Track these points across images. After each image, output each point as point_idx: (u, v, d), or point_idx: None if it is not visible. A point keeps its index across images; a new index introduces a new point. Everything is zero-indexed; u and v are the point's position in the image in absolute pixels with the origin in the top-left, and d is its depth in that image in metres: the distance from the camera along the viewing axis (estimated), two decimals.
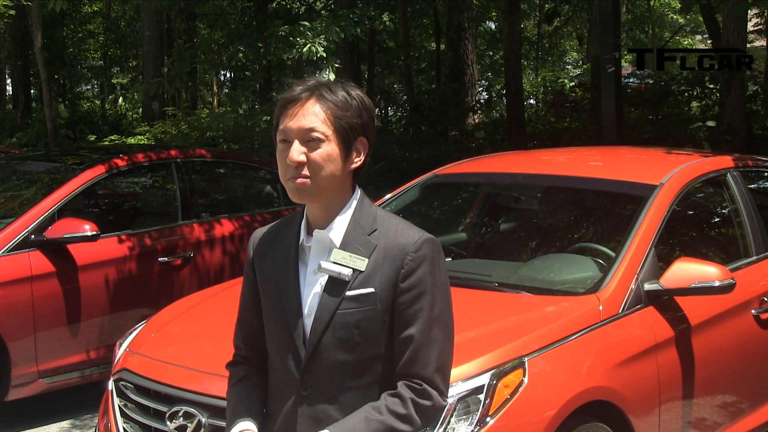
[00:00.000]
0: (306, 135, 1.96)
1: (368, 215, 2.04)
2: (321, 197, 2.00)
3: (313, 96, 1.98)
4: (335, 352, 1.98)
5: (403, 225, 2.04)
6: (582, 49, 24.16)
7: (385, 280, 1.98)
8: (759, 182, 4.91)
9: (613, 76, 8.51)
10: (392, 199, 4.59)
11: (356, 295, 1.97)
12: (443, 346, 2.01)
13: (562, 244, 4.25)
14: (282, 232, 2.13)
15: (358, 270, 1.98)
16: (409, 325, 1.97)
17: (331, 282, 1.99)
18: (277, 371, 2.07)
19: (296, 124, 1.97)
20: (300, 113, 1.97)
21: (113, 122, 19.75)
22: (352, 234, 2.01)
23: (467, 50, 15.70)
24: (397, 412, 1.95)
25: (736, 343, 3.83)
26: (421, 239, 2.00)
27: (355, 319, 1.97)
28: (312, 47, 7.24)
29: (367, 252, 1.99)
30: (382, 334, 1.99)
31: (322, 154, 1.96)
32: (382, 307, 1.97)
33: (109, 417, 3.36)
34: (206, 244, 5.89)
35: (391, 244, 2.00)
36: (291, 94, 2.00)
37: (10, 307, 4.90)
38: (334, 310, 1.98)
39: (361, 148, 2.03)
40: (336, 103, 1.98)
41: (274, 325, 2.07)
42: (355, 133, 2.00)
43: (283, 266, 2.07)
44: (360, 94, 2.03)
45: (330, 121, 1.97)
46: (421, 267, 1.98)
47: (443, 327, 2.01)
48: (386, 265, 1.98)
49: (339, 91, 2.00)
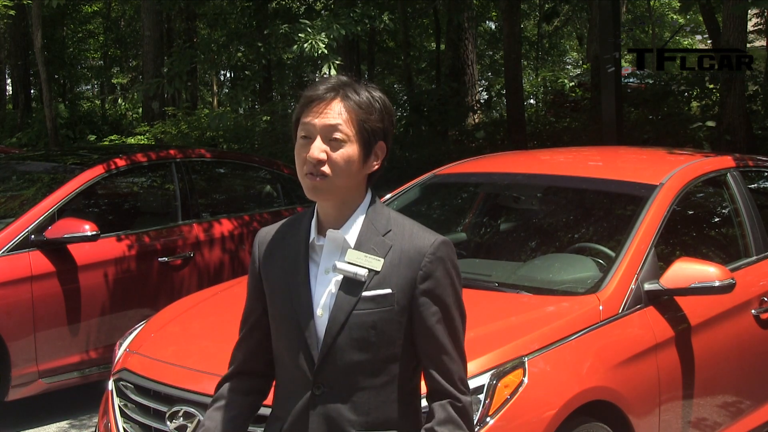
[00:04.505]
0: (329, 133, 1.96)
1: (382, 216, 2.04)
2: (336, 197, 2.00)
3: (338, 95, 1.98)
4: (350, 353, 1.97)
5: (417, 227, 2.04)
6: (582, 49, 24.18)
7: (402, 281, 1.97)
8: (759, 182, 4.91)
9: (613, 76, 8.52)
10: (392, 199, 4.58)
11: (373, 295, 1.97)
12: (462, 345, 2.04)
13: (562, 244, 4.25)
14: (291, 231, 2.11)
15: (374, 270, 1.98)
16: (432, 328, 1.98)
17: (347, 282, 1.98)
18: (288, 371, 2.06)
19: (321, 122, 1.96)
20: (325, 111, 1.96)
21: (113, 122, 19.76)
22: (366, 234, 2.01)
23: (467, 50, 15.70)
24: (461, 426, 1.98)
25: (736, 343, 3.83)
26: (437, 241, 2.00)
27: (372, 320, 1.97)
28: (313, 43, 7.21)
29: (382, 252, 1.99)
30: (398, 334, 1.99)
31: (343, 155, 1.96)
32: (399, 308, 1.97)
33: (109, 417, 3.37)
34: (206, 244, 5.88)
35: (407, 245, 2.00)
36: (315, 92, 1.99)
37: (10, 307, 4.90)
38: (350, 310, 1.97)
39: (380, 152, 2.03)
40: (360, 105, 1.98)
41: (284, 324, 2.05)
42: (377, 137, 2.00)
43: (294, 265, 2.05)
44: (382, 96, 2.03)
45: (353, 122, 1.97)
46: (439, 269, 1.99)
47: (462, 326, 2.04)
48: (403, 267, 1.98)
49: (363, 92, 1.99)
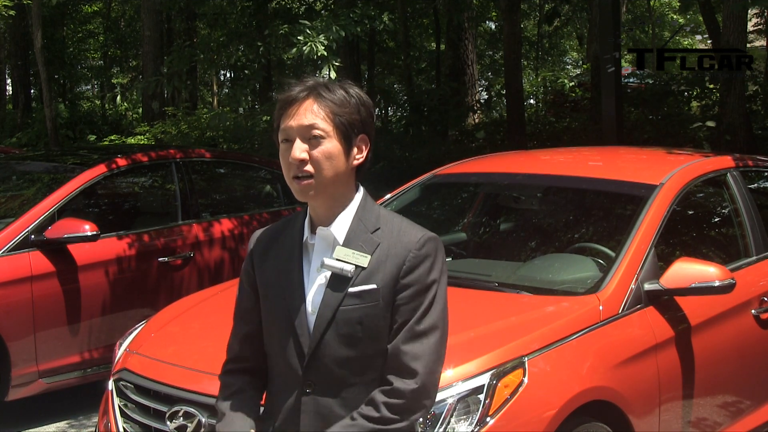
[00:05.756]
0: (307, 133, 1.99)
1: (371, 213, 2.06)
2: (325, 195, 2.02)
3: (311, 95, 2.01)
4: (338, 349, 1.99)
5: (406, 224, 2.06)
6: (582, 49, 24.16)
7: (387, 276, 1.99)
8: (759, 182, 4.90)
9: (613, 76, 8.51)
10: (392, 199, 4.58)
11: (358, 291, 1.99)
12: (437, 341, 2.00)
13: (562, 244, 4.25)
14: (285, 231, 2.14)
15: (361, 267, 2.00)
16: (405, 321, 1.98)
17: (334, 279, 2.01)
18: (279, 368, 2.08)
19: (296, 123, 1.99)
20: (299, 112, 2.00)
21: (113, 122, 19.74)
22: (355, 231, 2.03)
23: (467, 50, 15.69)
24: (371, 416, 1.96)
25: (736, 343, 3.83)
26: (424, 237, 2.02)
27: (358, 316, 1.99)
28: (313, 46, 7.23)
29: (370, 249, 2.01)
30: (384, 330, 2.00)
31: (323, 151, 1.98)
32: (384, 303, 1.99)
33: (109, 417, 3.37)
34: (206, 243, 5.88)
35: (395, 242, 2.02)
36: (289, 95, 2.03)
37: (10, 307, 4.90)
38: (336, 306, 1.99)
39: (362, 144, 2.05)
40: (334, 101, 2.01)
41: (276, 322, 2.07)
42: (355, 129, 2.02)
43: (287, 264, 2.08)
44: (358, 91, 2.05)
45: (329, 118, 1.99)
46: (423, 264, 2.00)
47: (440, 323, 2.02)
48: (389, 263, 2.00)
49: (337, 90, 2.03)
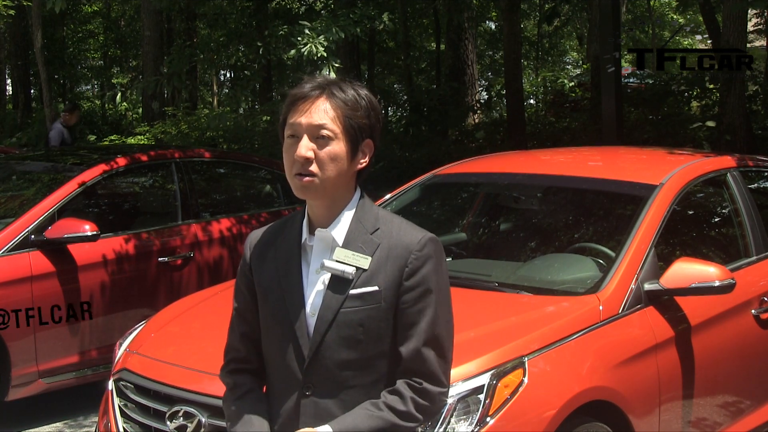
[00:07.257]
0: (315, 131, 1.97)
1: (370, 214, 2.05)
2: (325, 195, 2.01)
3: (323, 94, 1.99)
4: (339, 351, 1.99)
5: (406, 224, 2.05)
6: (582, 49, 24.15)
7: (389, 278, 1.98)
8: (759, 182, 4.90)
9: (613, 76, 8.50)
10: (392, 199, 4.58)
11: (360, 293, 1.98)
12: (445, 342, 2.02)
13: (562, 244, 4.25)
14: (282, 232, 2.12)
15: (362, 268, 1.99)
16: (414, 323, 1.98)
17: (335, 280, 2.00)
18: (278, 371, 2.07)
19: (306, 120, 1.98)
20: (310, 110, 1.98)
21: (113, 122, 19.76)
22: (354, 233, 2.02)
23: (467, 50, 15.70)
24: (397, 408, 1.95)
25: (736, 343, 3.83)
26: (424, 238, 2.01)
27: (359, 318, 1.98)
28: (312, 47, 7.23)
29: (370, 250, 2.00)
30: (386, 332, 1.99)
31: (330, 152, 1.97)
32: (386, 305, 1.98)
33: (109, 417, 3.36)
34: (206, 243, 5.88)
35: (394, 243, 2.01)
36: (301, 91, 2.01)
37: (10, 307, 4.89)
38: (337, 308, 1.98)
39: (367, 150, 2.04)
40: (346, 102, 1.99)
41: (275, 324, 2.06)
42: (363, 134, 2.02)
43: (286, 265, 2.06)
44: (368, 94, 2.04)
45: (339, 119, 1.98)
46: (425, 266, 1.99)
47: (446, 324, 2.03)
48: (390, 264, 1.99)
49: (349, 90, 2.01)
